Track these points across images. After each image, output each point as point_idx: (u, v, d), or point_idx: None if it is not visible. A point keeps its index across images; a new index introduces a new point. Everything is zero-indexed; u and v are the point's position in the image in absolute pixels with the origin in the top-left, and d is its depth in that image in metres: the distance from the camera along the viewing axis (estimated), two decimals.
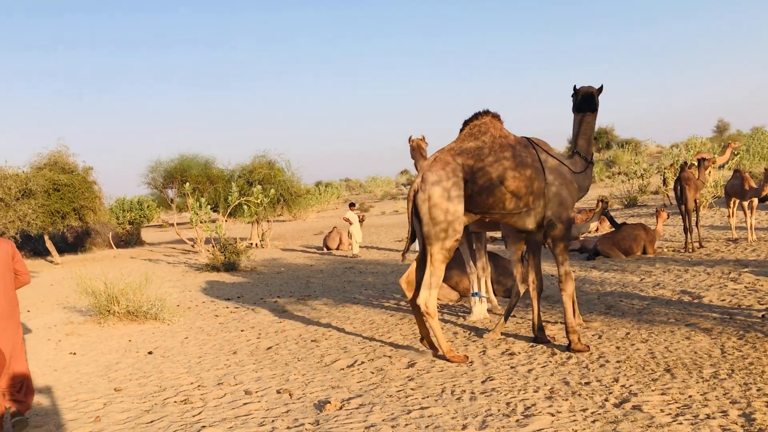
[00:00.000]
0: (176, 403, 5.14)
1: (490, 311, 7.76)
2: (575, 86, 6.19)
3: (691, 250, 11.39)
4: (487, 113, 6.05)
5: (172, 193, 22.01)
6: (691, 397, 4.32)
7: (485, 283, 7.73)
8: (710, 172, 18.13)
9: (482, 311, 7.49)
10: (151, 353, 7.05)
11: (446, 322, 7.40)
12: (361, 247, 17.18)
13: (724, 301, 7.32)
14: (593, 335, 6.28)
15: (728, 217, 12.73)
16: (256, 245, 20.18)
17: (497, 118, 6.07)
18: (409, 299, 6.16)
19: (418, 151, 8.11)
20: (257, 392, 5.29)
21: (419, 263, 5.96)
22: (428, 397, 4.79)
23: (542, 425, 4.01)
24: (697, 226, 12.01)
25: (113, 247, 22.22)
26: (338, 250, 17.81)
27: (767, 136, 29.15)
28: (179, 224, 23.13)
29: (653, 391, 4.51)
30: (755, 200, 12.03)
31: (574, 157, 6.21)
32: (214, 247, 15.50)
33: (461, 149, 5.77)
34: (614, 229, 12.24)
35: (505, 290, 8.64)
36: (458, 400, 4.67)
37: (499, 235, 14.73)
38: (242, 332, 7.87)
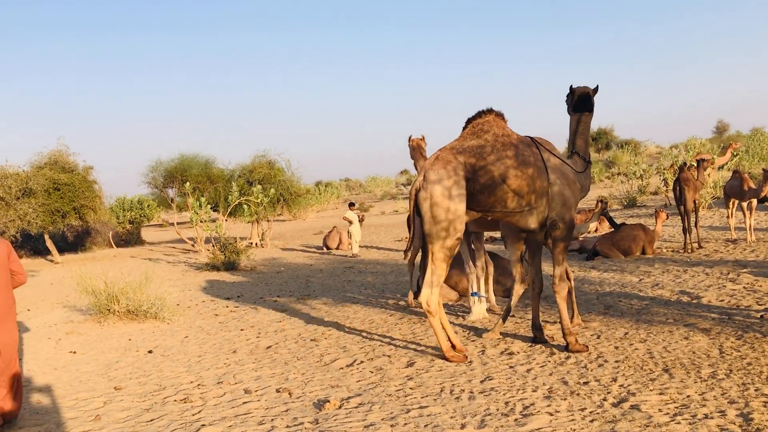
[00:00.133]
0: (176, 401, 5.15)
1: (489, 311, 7.78)
2: (571, 86, 6.20)
3: (690, 250, 11.40)
4: (490, 112, 6.02)
5: (172, 192, 22.01)
6: (689, 396, 4.34)
7: (486, 282, 7.74)
8: (710, 173, 18.15)
9: (481, 311, 7.50)
10: (151, 352, 7.06)
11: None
12: (360, 246, 17.21)
13: (722, 301, 7.33)
14: (592, 335, 6.30)
15: (727, 217, 12.74)
16: (256, 245, 20.19)
17: (501, 117, 6.05)
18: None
19: (418, 150, 8.12)
20: (257, 391, 5.30)
21: (422, 263, 5.98)
22: (427, 396, 4.81)
23: (541, 424, 4.03)
24: (696, 226, 12.02)
25: (113, 246, 22.23)
26: (338, 249, 17.82)
27: (767, 137, 29.16)
28: (179, 224, 23.14)
29: (651, 390, 4.52)
30: (754, 201, 12.04)
31: (573, 157, 6.23)
32: (214, 246, 15.52)
33: (463, 147, 5.76)
34: (613, 229, 12.27)
35: (504, 290, 8.66)
36: (457, 399, 4.68)
37: (498, 235, 14.76)
38: (242, 331, 7.89)
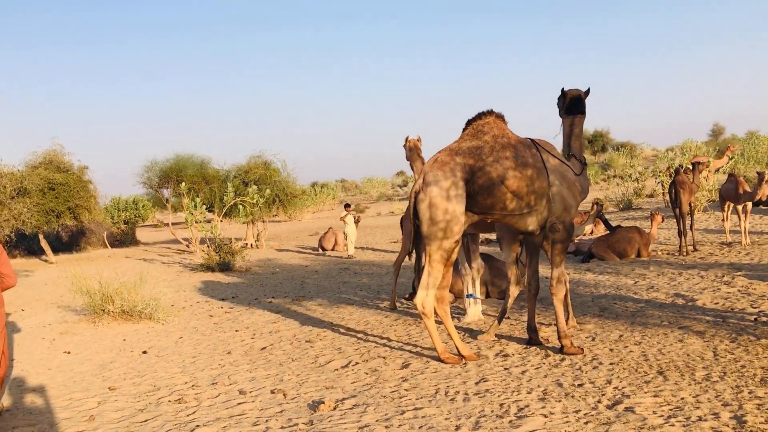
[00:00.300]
0: (170, 402, 5.14)
1: (483, 312, 7.78)
2: (563, 89, 6.20)
3: (685, 253, 11.44)
4: (490, 113, 5.98)
5: (167, 192, 21.93)
6: (683, 399, 4.35)
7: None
8: (707, 176, 18.22)
9: (477, 313, 7.51)
10: (145, 353, 7.04)
11: (441, 323, 7.40)
12: (356, 248, 17.20)
13: (717, 304, 7.36)
14: (587, 337, 6.31)
15: (722, 220, 12.79)
16: (251, 245, 20.16)
17: (501, 118, 6.01)
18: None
19: (414, 152, 8.12)
20: (251, 392, 5.29)
21: (416, 266, 5.98)
22: (422, 397, 4.81)
23: (535, 426, 4.03)
24: (691, 229, 12.06)
25: (108, 246, 22.15)
26: (333, 250, 17.81)
27: (762, 140, 29.33)
28: (174, 224, 23.07)
29: (646, 393, 4.53)
30: (749, 204, 12.10)
31: (570, 159, 6.24)
32: (209, 247, 15.48)
33: (461, 149, 5.73)
34: (609, 231, 12.29)
35: (499, 292, 8.66)
36: (452, 401, 4.68)
37: (494, 236, 14.76)
38: (237, 332, 7.87)
